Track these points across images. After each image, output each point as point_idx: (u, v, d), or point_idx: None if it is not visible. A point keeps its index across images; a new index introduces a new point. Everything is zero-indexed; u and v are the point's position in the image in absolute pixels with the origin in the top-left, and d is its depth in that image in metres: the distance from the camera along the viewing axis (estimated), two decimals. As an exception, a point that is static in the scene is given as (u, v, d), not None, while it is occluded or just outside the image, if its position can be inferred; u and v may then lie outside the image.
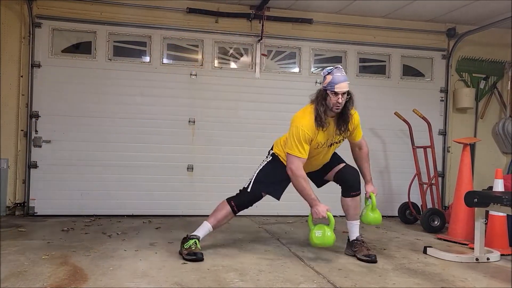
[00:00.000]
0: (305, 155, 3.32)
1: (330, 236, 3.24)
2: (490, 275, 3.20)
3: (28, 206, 5.17)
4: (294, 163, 3.32)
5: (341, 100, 3.25)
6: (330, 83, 3.24)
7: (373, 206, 3.63)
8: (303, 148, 3.30)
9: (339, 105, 3.26)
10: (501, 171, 4.09)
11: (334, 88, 3.22)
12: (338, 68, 3.31)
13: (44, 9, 5.24)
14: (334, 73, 3.27)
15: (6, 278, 2.77)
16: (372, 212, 3.63)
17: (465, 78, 6.29)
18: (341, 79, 3.24)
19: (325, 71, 3.34)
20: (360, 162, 3.70)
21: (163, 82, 5.49)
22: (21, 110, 5.21)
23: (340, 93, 3.23)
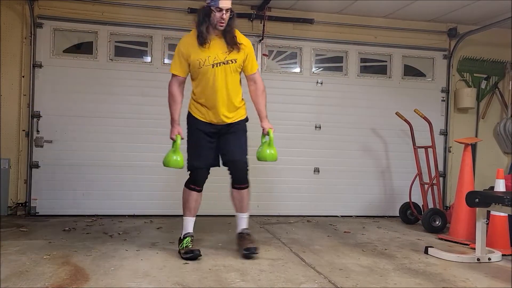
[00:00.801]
0: (178, 71, 3.44)
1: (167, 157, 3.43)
2: (492, 275, 3.20)
3: (29, 206, 5.18)
4: (171, 79, 3.49)
5: (225, 16, 3.27)
6: None
7: (271, 143, 3.58)
8: (176, 64, 3.43)
9: (223, 21, 3.28)
10: (502, 171, 4.09)
11: (218, 3, 3.24)
12: None
13: (46, 9, 5.25)
14: None
15: (8, 278, 2.77)
16: (269, 149, 3.57)
17: (466, 78, 6.29)
18: None
19: None
20: (255, 98, 3.65)
21: (164, 82, 5.37)
22: (22, 110, 5.21)
23: (224, 9, 3.25)
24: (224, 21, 3.28)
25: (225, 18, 3.27)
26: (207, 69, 3.37)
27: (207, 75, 3.39)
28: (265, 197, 5.63)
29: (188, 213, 3.56)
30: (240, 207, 3.61)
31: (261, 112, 3.63)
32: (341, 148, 5.86)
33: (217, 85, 3.40)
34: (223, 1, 3.25)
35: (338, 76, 5.95)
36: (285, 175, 5.73)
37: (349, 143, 5.88)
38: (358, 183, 5.91)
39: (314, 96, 5.83)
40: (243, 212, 3.62)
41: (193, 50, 3.35)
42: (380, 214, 5.93)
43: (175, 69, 3.44)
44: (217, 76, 3.39)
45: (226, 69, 3.40)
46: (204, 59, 3.35)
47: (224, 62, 3.39)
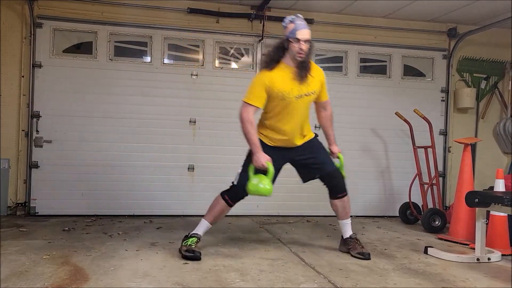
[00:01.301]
0: (257, 103, 3.32)
1: (263, 187, 3.27)
2: (491, 275, 3.20)
3: (29, 206, 5.18)
4: (244, 108, 3.34)
5: (304, 47, 3.26)
6: (293, 31, 3.27)
7: (341, 166, 3.67)
8: (256, 96, 3.32)
9: (302, 52, 3.26)
10: (502, 171, 4.09)
11: (296, 35, 3.24)
12: (299, 17, 3.34)
13: (45, 9, 5.25)
14: (296, 21, 3.30)
15: (7, 278, 2.77)
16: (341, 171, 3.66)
17: (466, 78, 6.29)
18: (303, 26, 3.28)
19: (286, 20, 3.35)
20: (325, 123, 3.73)
21: (164, 82, 5.50)
22: (22, 110, 5.21)
23: (303, 40, 3.24)
24: (303, 52, 3.27)
25: (304, 49, 3.26)
26: (290, 101, 3.36)
27: (289, 107, 3.39)
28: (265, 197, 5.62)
29: (209, 218, 3.56)
30: (344, 214, 3.66)
31: (330, 136, 3.72)
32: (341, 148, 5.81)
33: (295, 115, 3.43)
34: (302, 32, 3.25)
35: (338, 76, 5.95)
36: (285, 174, 5.70)
37: (349, 143, 5.86)
38: (358, 183, 5.89)
39: (313, 96, 5.81)
40: (347, 219, 3.67)
41: (277, 82, 3.31)
42: (379, 214, 5.93)
43: (255, 100, 3.32)
44: (298, 107, 3.41)
45: (306, 100, 3.44)
46: (288, 91, 3.34)
47: (306, 94, 3.41)
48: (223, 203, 3.53)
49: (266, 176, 3.29)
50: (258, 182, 3.28)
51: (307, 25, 3.31)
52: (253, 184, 3.29)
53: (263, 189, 3.27)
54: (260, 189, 3.27)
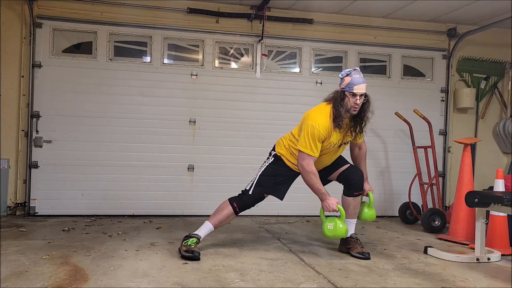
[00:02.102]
0: (317, 153, 3.38)
1: (341, 228, 3.35)
2: (491, 275, 3.20)
3: (29, 206, 5.18)
4: (305, 159, 3.37)
5: (359, 102, 3.31)
6: (349, 84, 3.31)
7: (370, 204, 3.74)
8: (316, 147, 3.35)
9: (357, 106, 3.32)
10: (501, 171, 4.09)
11: (353, 89, 3.28)
12: (356, 70, 3.38)
13: (45, 9, 5.25)
14: (352, 74, 3.33)
15: (7, 278, 2.77)
16: (368, 209, 3.73)
17: (465, 78, 6.29)
18: (360, 81, 3.31)
19: (343, 73, 3.40)
20: (359, 161, 3.78)
21: (163, 82, 5.49)
22: (22, 110, 5.21)
23: (358, 95, 3.29)
24: (358, 106, 3.32)
25: (359, 103, 3.31)
26: (333, 148, 3.50)
27: (331, 152, 3.52)
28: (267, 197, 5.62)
29: (213, 221, 3.56)
30: (353, 214, 3.67)
31: (365, 174, 3.75)
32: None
33: (334, 157, 3.61)
34: (359, 86, 3.29)
35: (338, 76, 5.91)
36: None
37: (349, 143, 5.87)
38: (358, 183, 5.90)
39: (313, 96, 5.76)
40: (354, 218, 3.69)
41: (328, 133, 3.37)
42: (379, 214, 5.86)
43: (314, 151, 3.36)
44: (337, 151, 3.58)
45: (343, 147, 3.58)
46: (334, 143, 3.45)
47: (345, 142, 3.54)
48: (231, 210, 3.55)
49: (339, 218, 3.38)
50: (335, 226, 3.36)
51: (364, 79, 3.35)
52: (329, 229, 3.37)
53: (341, 231, 3.37)
54: (338, 232, 3.36)
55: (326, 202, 3.39)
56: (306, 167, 3.36)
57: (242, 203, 3.57)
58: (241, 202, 3.57)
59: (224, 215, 3.56)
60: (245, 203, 3.57)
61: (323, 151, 3.45)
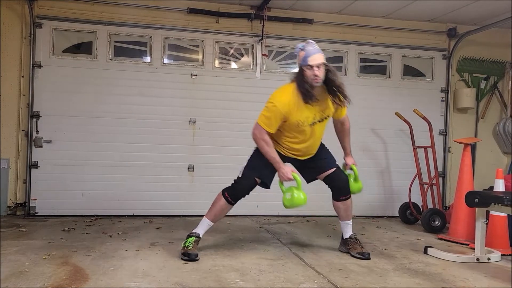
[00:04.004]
0: (271, 130, 3.35)
1: (297, 197, 3.32)
2: (491, 275, 3.20)
3: (29, 206, 5.18)
4: (259, 130, 3.37)
5: (318, 73, 3.23)
6: (304, 58, 3.25)
7: (356, 177, 3.71)
8: (271, 124, 3.34)
9: (318, 78, 3.24)
10: (501, 171, 4.09)
11: (307, 62, 3.22)
12: (310, 43, 3.31)
13: (45, 9, 5.25)
14: (306, 47, 3.28)
15: (7, 278, 2.77)
16: (354, 182, 3.70)
17: (465, 78, 6.29)
18: (313, 52, 3.25)
19: (297, 49, 3.34)
20: (343, 136, 3.77)
21: (163, 82, 5.49)
22: (22, 110, 5.21)
23: (315, 66, 3.22)
24: (319, 77, 3.24)
25: (318, 74, 3.23)
26: (304, 128, 3.40)
27: (304, 133, 3.44)
28: (265, 197, 5.57)
29: (210, 216, 3.55)
30: (346, 216, 3.68)
31: (346, 148, 3.77)
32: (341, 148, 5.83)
33: (309, 139, 3.49)
34: (313, 57, 3.23)
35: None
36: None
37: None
38: (358, 183, 5.90)
39: (313, 96, 5.82)
40: (349, 220, 3.70)
41: (293, 111, 3.30)
42: (379, 214, 5.93)
43: (269, 127, 3.34)
44: (313, 132, 3.46)
45: (320, 124, 3.48)
46: (303, 121, 3.36)
47: (320, 120, 3.44)
48: (224, 201, 3.52)
49: (296, 188, 3.35)
50: (292, 195, 3.34)
51: (319, 50, 3.28)
52: (288, 199, 3.35)
53: (298, 200, 3.33)
54: (295, 201, 3.33)
55: (281, 172, 3.36)
56: (259, 135, 3.37)
57: (234, 191, 3.52)
58: (232, 190, 3.53)
59: (218, 207, 3.53)
60: (237, 190, 3.51)
61: (296, 129, 3.39)
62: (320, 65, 3.25)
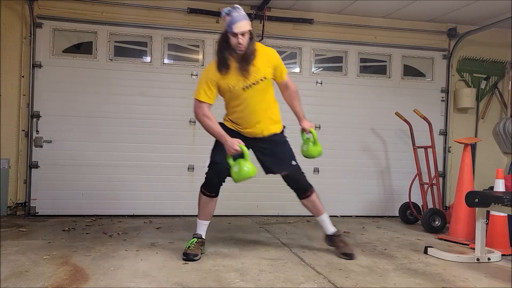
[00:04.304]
0: (209, 99, 3.32)
1: (246, 170, 3.24)
2: (491, 275, 3.20)
3: (29, 206, 5.18)
4: (199, 105, 3.34)
5: (242, 41, 3.17)
6: (229, 23, 3.17)
7: (315, 140, 3.60)
8: (206, 91, 3.30)
9: (241, 46, 3.18)
10: (502, 171, 4.09)
11: (232, 28, 3.15)
12: (236, 8, 3.21)
13: (45, 9, 5.25)
14: (232, 13, 3.18)
15: (7, 278, 2.77)
16: (314, 146, 3.60)
17: (465, 78, 6.29)
18: (238, 19, 3.16)
19: (222, 13, 3.24)
20: (290, 101, 3.64)
21: (164, 82, 5.50)
22: (22, 110, 5.21)
23: (239, 33, 3.15)
24: (242, 45, 3.19)
25: (242, 42, 3.18)
26: (238, 93, 3.33)
27: (240, 98, 3.36)
28: (265, 197, 5.63)
29: (200, 216, 3.54)
30: (316, 212, 3.63)
31: (299, 113, 3.63)
32: (341, 148, 5.86)
33: (252, 106, 3.38)
34: (238, 24, 3.15)
35: (338, 76, 5.95)
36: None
37: (349, 143, 5.88)
38: (358, 183, 5.91)
39: (313, 96, 5.83)
40: (321, 215, 3.64)
41: (221, 76, 3.29)
42: (379, 214, 5.93)
43: (203, 96, 3.31)
44: (250, 96, 3.35)
45: (257, 88, 3.35)
46: (233, 84, 3.30)
47: (254, 83, 3.33)
48: (203, 197, 3.49)
49: (243, 159, 3.26)
50: (239, 168, 3.26)
51: (244, 16, 3.20)
52: (235, 172, 3.27)
53: (246, 172, 3.25)
54: (243, 173, 3.26)
55: (227, 144, 3.30)
56: (200, 111, 3.34)
57: (206, 183, 3.47)
58: (204, 182, 3.48)
59: (202, 204, 3.50)
60: (208, 181, 3.46)
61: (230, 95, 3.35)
62: (245, 33, 3.18)
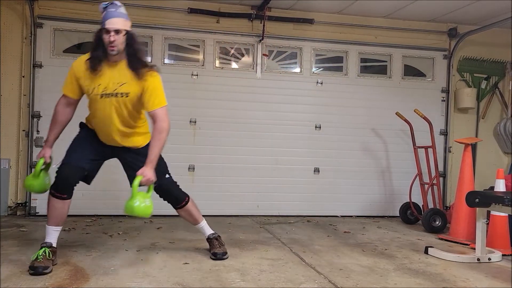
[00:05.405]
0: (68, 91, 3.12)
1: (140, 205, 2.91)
2: (492, 275, 3.20)
3: (29, 206, 5.18)
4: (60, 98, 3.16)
5: (114, 39, 2.85)
6: (103, 19, 2.89)
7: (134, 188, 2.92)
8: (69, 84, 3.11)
9: (113, 46, 2.87)
10: (502, 171, 4.09)
11: (104, 24, 2.87)
12: (114, 4, 2.94)
13: (46, 10, 5.25)
14: (107, 8, 2.91)
15: (8, 278, 2.77)
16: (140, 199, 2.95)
17: (466, 78, 6.29)
18: (112, 15, 2.87)
19: (100, 8, 2.96)
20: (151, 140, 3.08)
21: (164, 82, 5.35)
22: (22, 110, 5.22)
23: (112, 30, 2.85)
24: (114, 44, 2.86)
25: (113, 41, 2.85)
26: (95, 98, 3.03)
27: (96, 104, 3.05)
28: (265, 197, 5.64)
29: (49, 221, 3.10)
30: (193, 220, 3.53)
31: (148, 156, 2.99)
32: (341, 148, 5.86)
33: (107, 117, 3.05)
34: (110, 21, 2.86)
35: (338, 76, 5.95)
36: (285, 175, 5.73)
37: (349, 143, 5.88)
38: (358, 183, 5.91)
39: (314, 96, 5.83)
40: (198, 224, 3.53)
41: (85, 74, 2.99)
42: (380, 214, 5.93)
43: (65, 88, 3.10)
44: (106, 110, 3.03)
45: (117, 101, 3.01)
46: (93, 87, 3.00)
47: (113, 94, 2.99)
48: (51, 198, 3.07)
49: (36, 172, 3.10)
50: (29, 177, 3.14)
51: (121, 14, 2.92)
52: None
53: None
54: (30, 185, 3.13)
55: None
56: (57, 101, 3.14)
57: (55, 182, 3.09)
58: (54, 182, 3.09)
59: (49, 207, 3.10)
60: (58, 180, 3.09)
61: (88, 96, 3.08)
62: (120, 32, 2.88)
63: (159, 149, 3.03)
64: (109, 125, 3.09)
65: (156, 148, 3.01)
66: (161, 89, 3.12)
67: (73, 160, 3.15)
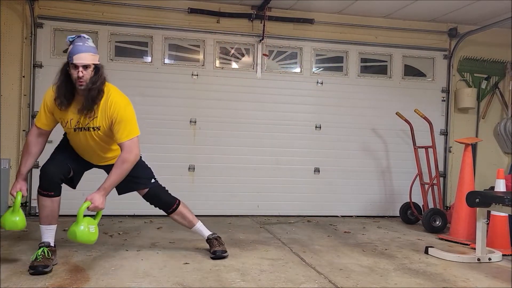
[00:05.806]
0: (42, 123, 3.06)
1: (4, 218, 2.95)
2: (492, 275, 3.20)
3: (30, 206, 5.18)
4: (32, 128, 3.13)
5: (82, 74, 2.80)
6: (70, 53, 2.84)
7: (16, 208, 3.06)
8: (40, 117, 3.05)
9: (82, 81, 2.81)
10: (502, 171, 4.09)
11: (72, 59, 2.81)
12: (81, 37, 2.91)
13: (46, 10, 5.25)
14: (75, 42, 2.86)
15: (8, 278, 2.77)
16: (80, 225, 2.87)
17: (466, 78, 6.29)
18: (80, 49, 2.82)
19: (67, 40, 2.93)
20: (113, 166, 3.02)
21: (164, 83, 5.49)
22: (22, 110, 5.22)
23: (80, 66, 2.80)
24: (83, 80, 2.82)
25: (82, 76, 2.81)
26: (69, 131, 3.06)
27: (72, 136, 3.09)
28: (265, 197, 5.64)
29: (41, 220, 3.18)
30: (188, 223, 3.55)
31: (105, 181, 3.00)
32: (341, 148, 5.86)
33: (84, 145, 3.11)
34: (78, 56, 2.80)
35: (339, 76, 5.95)
36: (285, 175, 5.73)
37: (349, 143, 5.88)
38: (358, 183, 5.91)
39: (314, 96, 5.83)
40: (193, 226, 3.55)
41: (56, 108, 2.96)
42: (380, 214, 5.93)
43: (37, 120, 3.04)
44: (82, 140, 3.06)
45: (90, 134, 3.03)
46: (66, 121, 3.00)
47: (85, 128, 2.99)
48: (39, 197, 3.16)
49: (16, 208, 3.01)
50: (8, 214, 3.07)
51: (89, 48, 2.88)
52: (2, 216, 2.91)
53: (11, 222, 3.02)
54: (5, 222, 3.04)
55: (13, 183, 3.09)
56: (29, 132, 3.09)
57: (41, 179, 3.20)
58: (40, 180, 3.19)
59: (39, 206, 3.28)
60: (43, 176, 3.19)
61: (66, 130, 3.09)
62: (88, 67, 2.84)
63: (118, 178, 3.01)
64: (87, 151, 3.17)
65: (115, 176, 2.99)
66: (130, 120, 3.06)
67: (58, 158, 3.15)
